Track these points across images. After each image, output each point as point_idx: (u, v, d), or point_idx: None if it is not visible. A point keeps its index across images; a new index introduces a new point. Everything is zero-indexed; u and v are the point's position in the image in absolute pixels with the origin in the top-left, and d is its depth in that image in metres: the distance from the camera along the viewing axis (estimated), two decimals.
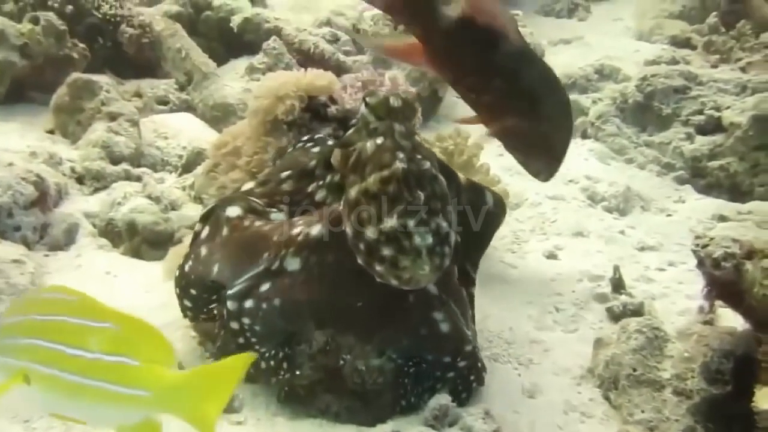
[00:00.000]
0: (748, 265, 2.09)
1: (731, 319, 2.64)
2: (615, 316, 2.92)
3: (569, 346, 2.77)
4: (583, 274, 3.26)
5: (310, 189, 2.39)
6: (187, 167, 3.72)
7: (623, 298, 2.99)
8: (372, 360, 2.23)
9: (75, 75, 4.07)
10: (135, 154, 3.80)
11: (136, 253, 3.19)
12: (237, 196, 2.51)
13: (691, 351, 2.32)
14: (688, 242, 3.56)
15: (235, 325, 2.24)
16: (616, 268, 3.08)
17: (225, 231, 2.34)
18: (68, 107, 4.02)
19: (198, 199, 3.43)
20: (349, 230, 2.10)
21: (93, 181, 3.59)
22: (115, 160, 3.70)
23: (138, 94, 4.54)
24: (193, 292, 2.39)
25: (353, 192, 2.11)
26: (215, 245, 2.34)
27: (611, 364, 2.45)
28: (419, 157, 2.12)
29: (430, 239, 2.01)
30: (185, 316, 2.47)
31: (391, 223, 2.00)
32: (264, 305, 2.21)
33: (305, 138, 2.81)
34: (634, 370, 2.37)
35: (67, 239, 3.20)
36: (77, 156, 3.75)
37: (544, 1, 7.43)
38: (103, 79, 4.09)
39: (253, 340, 2.23)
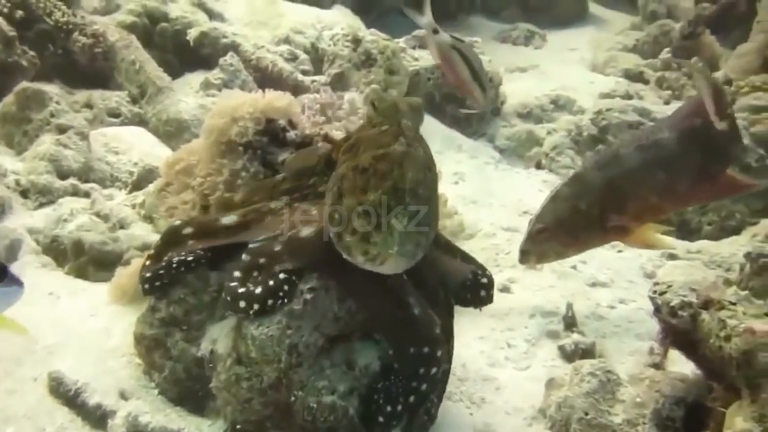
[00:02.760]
0: (705, 316, 2.09)
1: (681, 361, 2.66)
2: (567, 355, 2.91)
3: (521, 385, 2.75)
4: (535, 310, 3.25)
5: (311, 181, 2.37)
6: (138, 184, 3.62)
7: (575, 336, 2.98)
8: (324, 397, 2.19)
9: (24, 84, 3.95)
10: (83, 168, 3.69)
11: (81, 274, 3.08)
12: (230, 204, 2.54)
13: (643, 396, 2.32)
14: (638, 280, 3.61)
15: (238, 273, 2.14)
16: (569, 306, 3.07)
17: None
18: (15, 117, 3.89)
19: (148, 219, 3.33)
20: (328, 199, 2.02)
21: (38, 195, 3.46)
22: (62, 175, 3.59)
23: (88, 105, 4.43)
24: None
25: (342, 168, 2.03)
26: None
27: (563, 406, 2.43)
28: (419, 146, 2.01)
29: (406, 223, 1.87)
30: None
31: (373, 196, 1.90)
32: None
33: None
34: (586, 413, 2.36)
35: (9, 255, 3.08)
36: (23, 168, 3.62)
37: (501, 28, 7.50)
38: (54, 90, 3.98)
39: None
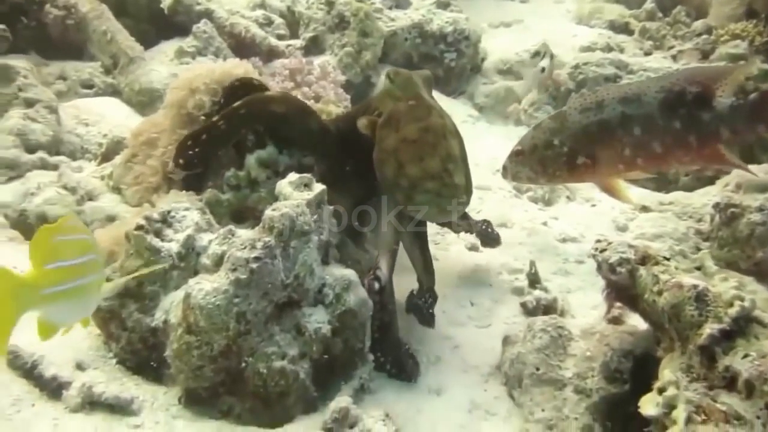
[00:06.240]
0: (642, 271, 2.10)
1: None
2: (528, 311, 2.93)
3: (481, 342, 2.76)
4: (503, 267, 3.27)
5: None
6: (107, 156, 3.63)
7: (537, 293, 2.98)
8: (274, 363, 2.22)
9: None
10: (52, 141, 3.70)
11: None
12: None
13: (593, 350, 2.34)
14: (609, 233, 3.61)
15: None
16: (532, 263, 3.08)
17: None
18: None
19: (116, 189, 3.36)
20: (388, 171, 2.39)
21: (7, 169, 3.49)
22: (30, 149, 3.61)
23: (62, 77, 4.43)
24: None
25: (390, 141, 2.40)
26: None
27: (516, 362, 2.46)
28: (446, 115, 2.49)
29: (463, 178, 2.42)
30: None
31: (433, 162, 2.35)
32: None
33: None
34: (537, 368, 2.38)
35: None
36: None
37: None
38: (21, 64, 3.96)
39: None
